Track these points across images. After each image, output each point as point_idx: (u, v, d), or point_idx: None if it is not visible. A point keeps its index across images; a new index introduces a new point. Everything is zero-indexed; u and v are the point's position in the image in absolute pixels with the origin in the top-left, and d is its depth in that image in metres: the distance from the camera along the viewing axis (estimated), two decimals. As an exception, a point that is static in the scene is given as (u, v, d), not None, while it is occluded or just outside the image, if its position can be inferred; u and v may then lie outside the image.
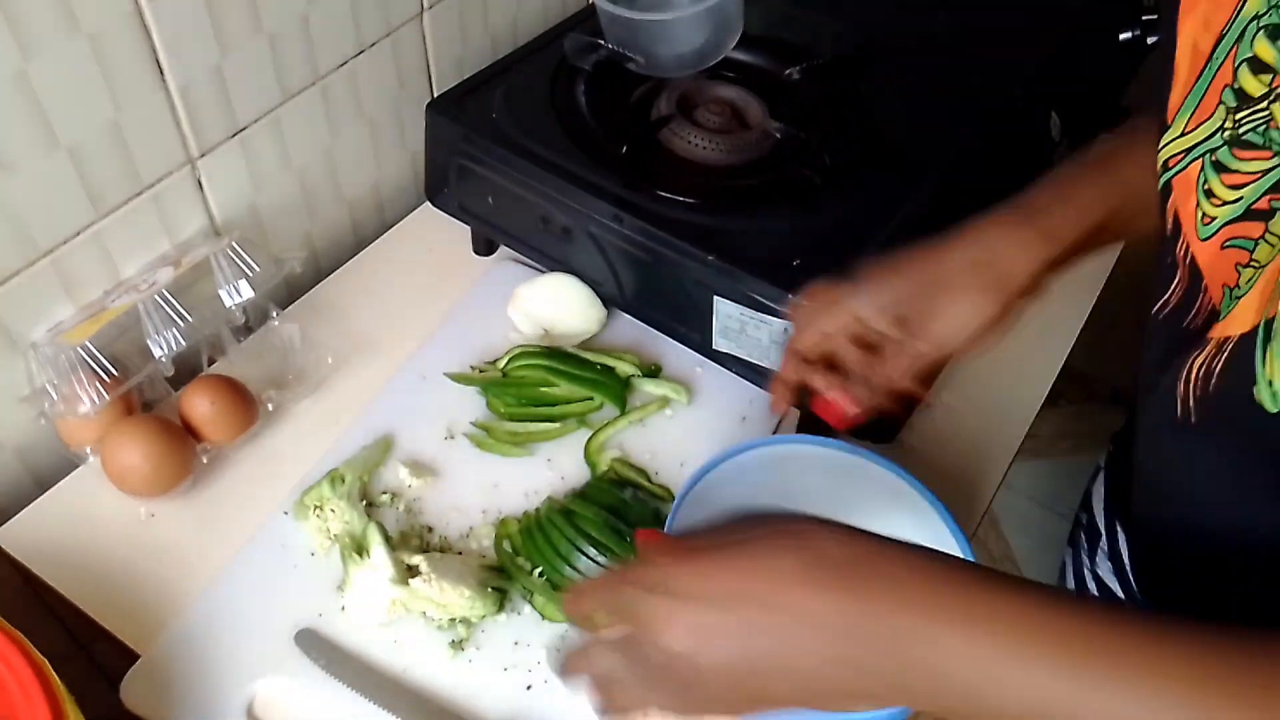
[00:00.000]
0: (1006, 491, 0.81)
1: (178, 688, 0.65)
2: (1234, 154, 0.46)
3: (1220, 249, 0.47)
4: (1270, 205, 0.44)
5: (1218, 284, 0.47)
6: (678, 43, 0.87)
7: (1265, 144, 0.44)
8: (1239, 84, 0.45)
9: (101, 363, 0.72)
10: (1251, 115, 0.45)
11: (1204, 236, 0.48)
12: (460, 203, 0.89)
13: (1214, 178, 0.47)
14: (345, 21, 0.84)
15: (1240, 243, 0.46)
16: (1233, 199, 0.46)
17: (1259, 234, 0.45)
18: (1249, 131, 0.45)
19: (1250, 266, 0.45)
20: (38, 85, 0.64)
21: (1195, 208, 0.48)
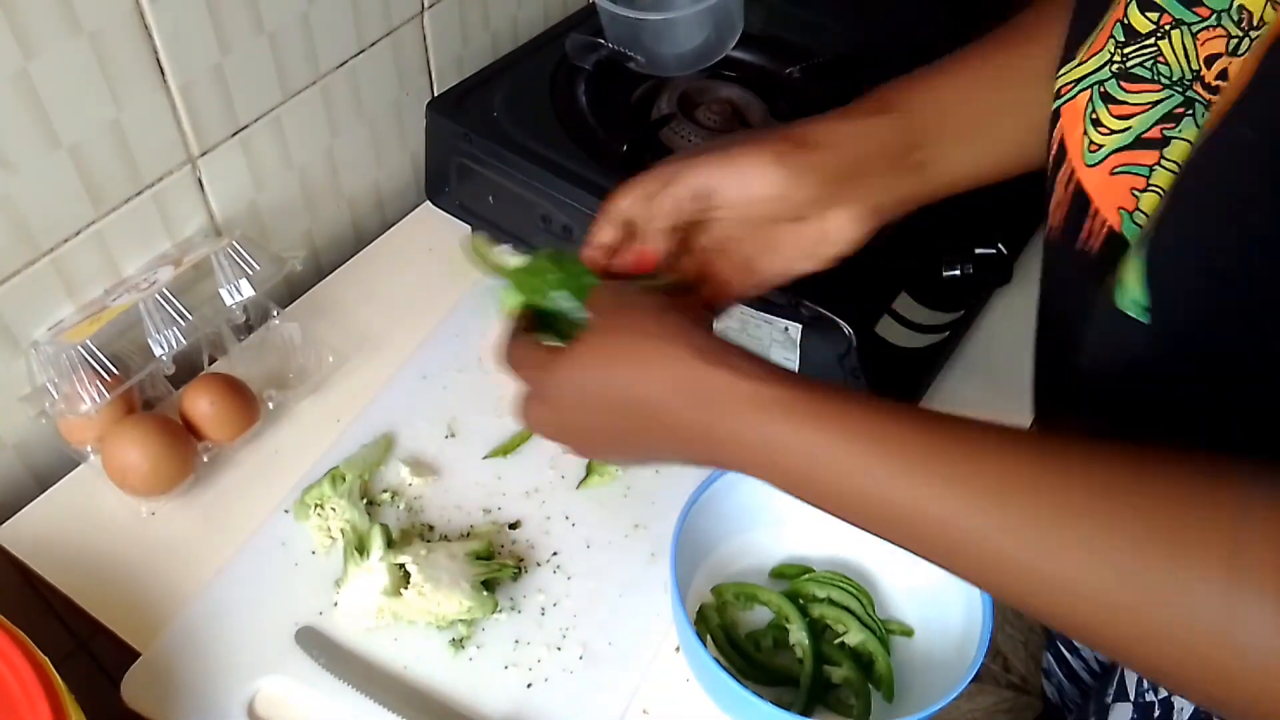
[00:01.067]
0: (1006, 491, 0.82)
1: (179, 686, 0.65)
2: (1122, 86, 0.49)
3: (1110, 175, 0.50)
4: (1163, 134, 0.47)
5: (1111, 207, 0.50)
6: (678, 42, 0.87)
7: (1154, 78, 0.47)
8: (1128, 19, 0.48)
9: (102, 361, 0.72)
10: (1139, 50, 0.48)
11: (1091, 163, 0.50)
12: (461, 202, 0.89)
13: (1101, 108, 0.49)
14: (346, 21, 0.84)
15: (1133, 169, 0.49)
16: (1120, 128, 0.49)
17: (1154, 161, 0.48)
18: (1136, 65, 0.48)
19: (1151, 191, 0.48)
20: (39, 84, 0.64)
21: (1082, 135, 0.50)
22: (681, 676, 0.68)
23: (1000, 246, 0.78)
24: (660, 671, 0.68)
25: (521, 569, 0.71)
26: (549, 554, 0.73)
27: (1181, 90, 0.46)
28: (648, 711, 0.66)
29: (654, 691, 0.67)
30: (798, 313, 0.72)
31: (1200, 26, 0.45)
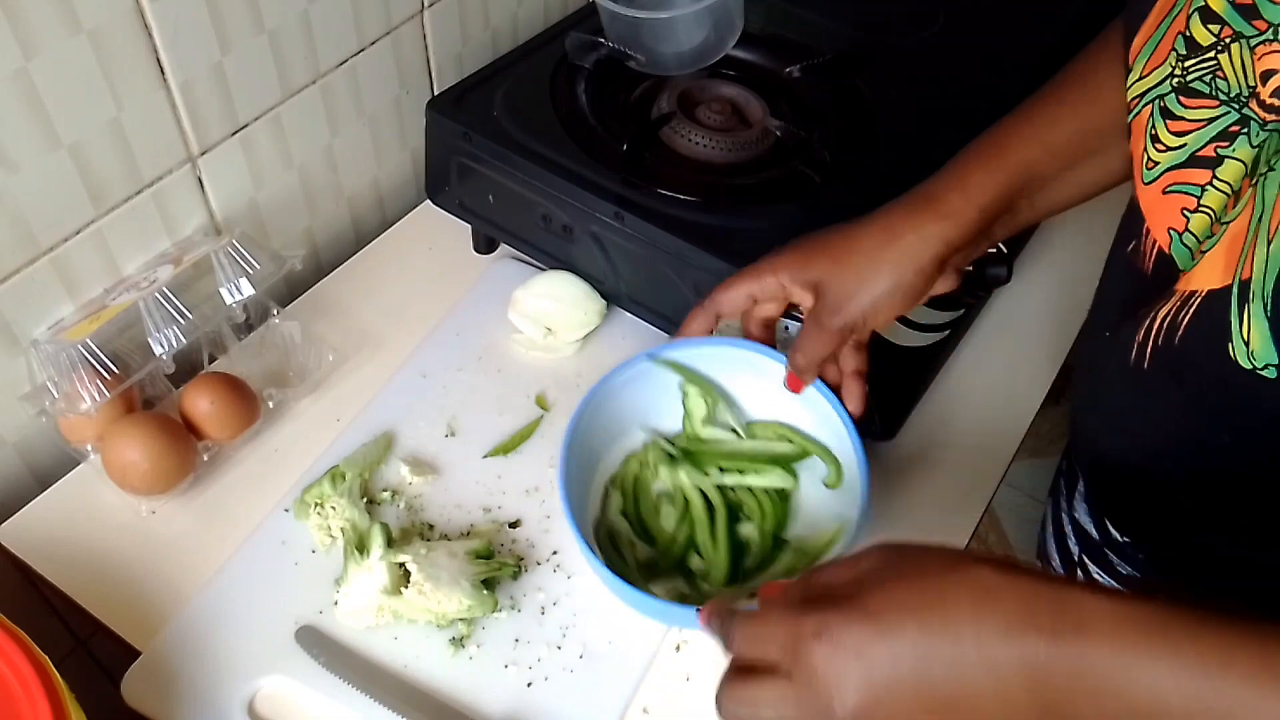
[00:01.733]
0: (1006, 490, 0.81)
1: (179, 685, 0.65)
2: (1180, 101, 0.47)
3: (1162, 194, 0.48)
4: (1216, 153, 0.45)
5: (1161, 227, 0.48)
6: (678, 41, 0.87)
7: (1211, 93, 0.45)
8: (1190, 31, 0.46)
9: (102, 360, 0.72)
10: (1199, 64, 0.46)
11: (1146, 180, 0.49)
12: (461, 201, 0.89)
13: (1160, 124, 0.48)
14: (346, 19, 0.84)
15: (1185, 188, 0.47)
16: (1176, 145, 0.47)
17: (1205, 180, 0.46)
18: (1195, 80, 0.46)
19: (1200, 212, 0.46)
20: (39, 83, 0.64)
21: (1143, 152, 0.49)
22: (682, 675, 0.68)
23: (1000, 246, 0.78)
24: (660, 671, 0.68)
25: (521, 568, 0.71)
26: (549, 553, 0.73)
27: (1238, 107, 0.45)
28: (648, 711, 0.66)
29: (654, 691, 0.67)
30: (798, 313, 0.72)
31: (1258, 40, 0.43)
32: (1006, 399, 0.85)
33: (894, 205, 0.63)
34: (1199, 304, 0.45)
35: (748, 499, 0.72)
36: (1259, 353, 0.42)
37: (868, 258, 0.61)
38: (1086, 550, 0.81)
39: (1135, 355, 0.50)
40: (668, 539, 0.71)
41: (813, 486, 0.73)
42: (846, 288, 0.62)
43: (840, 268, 0.62)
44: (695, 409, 0.74)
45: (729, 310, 0.66)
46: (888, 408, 0.75)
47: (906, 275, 0.61)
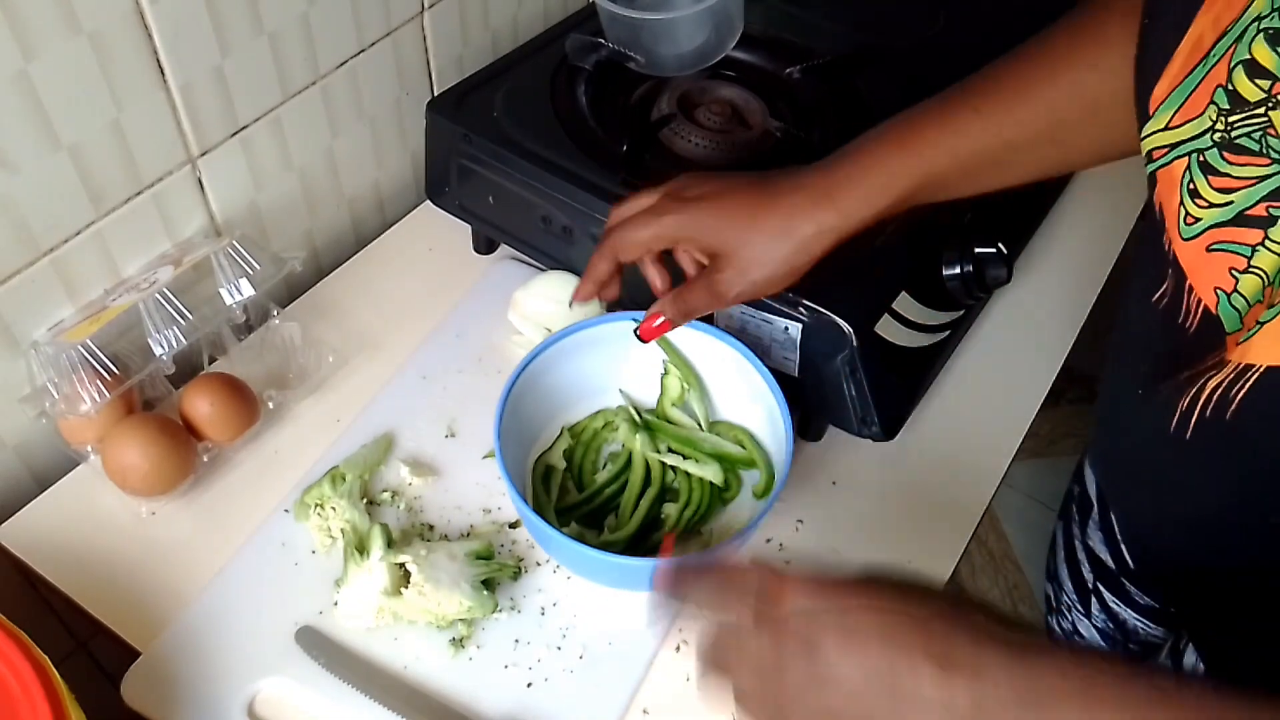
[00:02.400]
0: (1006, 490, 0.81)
1: (179, 686, 0.65)
2: (1224, 157, 0.45)
3: (1206, 251, 0.46)
4: (1269, 212, 0.44)
5: (1206, 285, 0.47)
6: (678, 42, 0.87)
7: (1262, 151, 0.44)
8: (1233, 86, 0.44)
9: (102, 361, 0.72)
10: (1246, 120, 0.44)
11: (1186, 236, 0.47)
12: (461, 202, 0.89)
13: (1200, 179, 0.46)
14: (346, 21, 0.84)
15: (1233, 247, 0.45)
16: (1221, 202, 0.45)
17: (1257, 241, 0.44)
18: (1243, 136, 0.44)
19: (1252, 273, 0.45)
20: (39, 85, 0.65)
21: (1179, 206, 0.47)
22: (682, 676, 0.68)
23: (1000, 246, 0.78)
24: (660, 671, 0.68)
25: (521, 569, 0.71)
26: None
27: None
28: (648, 711, 0.66)
29: (654, 691, 0.67)
30: (798, 313, 0.72)
31: None
32: (1006, 399, 0.85)
33: (798, 185, 0.64)
34: (1257, 379, 0.44)
35: (684, 483, 0.75)
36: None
37: (767, 241, 0.64)
38: (1102, 579, 0.80)
39: (1178, 422, 0.49)
40: (595, 489, 0.74)
41: (749, 494, 0.76)
42: (745, 265, 0.64)
43: (742, 244, 0.64)
44: (670, 388, 0.77)
45: (629, 258, 0.68)
46: (888, 408, 0.75)
47: (799, 261, 0.64)
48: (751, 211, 0.64)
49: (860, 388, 0.73)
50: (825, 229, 0.63)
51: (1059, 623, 0.89)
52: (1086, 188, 1.02)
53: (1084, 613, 0.84)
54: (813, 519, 0.76)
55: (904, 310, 0.76)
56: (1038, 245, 0.95)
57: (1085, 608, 0.83)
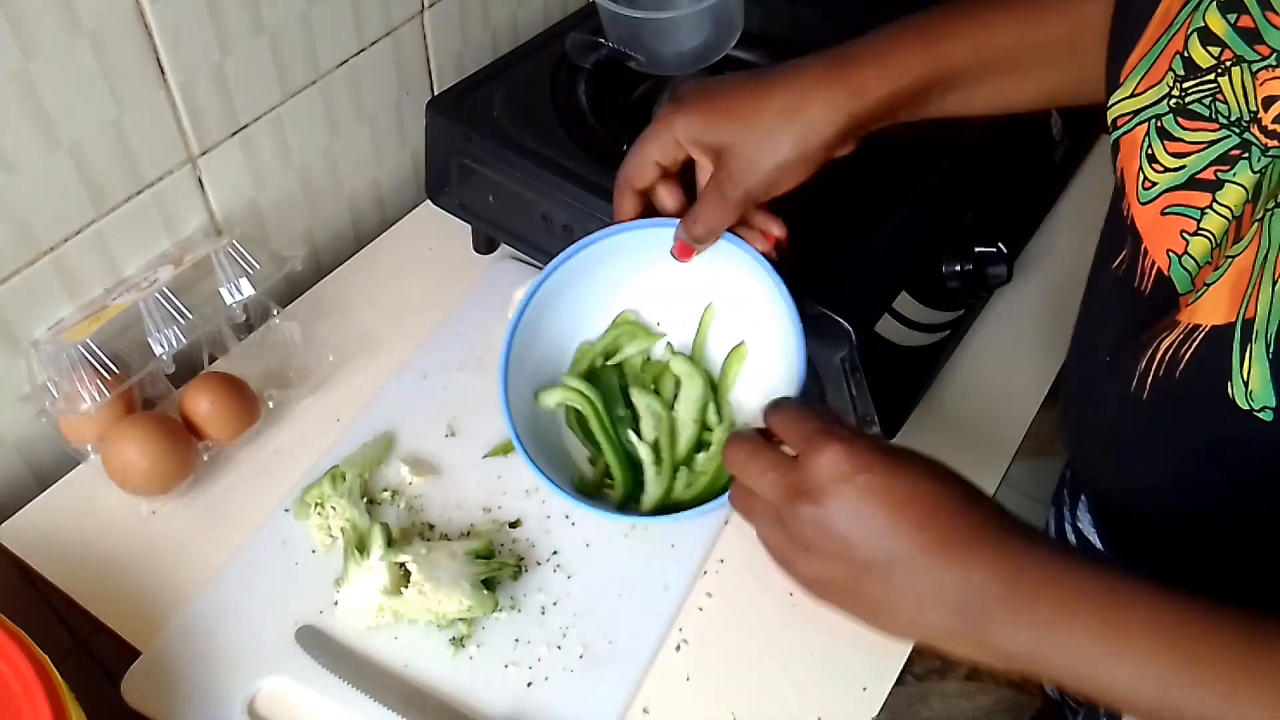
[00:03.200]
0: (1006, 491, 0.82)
1: (179, 685, 0.65)
2: (1179, 122, 0.46)
3: (1160, 215, 0.48)
4: (1216, 176, 0.45)
5: (1160, 248, 0.48)
6: (679, 41, 0.87)
7: (1211, 116, 0.45)
8: (1189, 53, 0.46)
9: (102, 360, 0.72)
10: (1198, 85, 0.45)
11: (1143, 200, 0.48)
12: (461, 201, 0.89)
13: (1158, 144, 0.47)
14: (346, 20, 0.84)
15: (1183, 210, 0.46)
16: (1175, 166, 0.47)
17: (1205, 204, 0.46)
18: (1195, 101, 0.46)
19: (1201, 235, 0.46)
20: (39, 84, 0.64)
21: (1138, 171, 0.48)
22: (682, 675, 0.68)
23: (1000, 246, 0.78)
24: (660, 671, 0.68)
25: (521, 568, 0.71)
26: (549, 553, 0.73)
27: (1239, 131, 0.44)
28: (648, 711, 0.66)
29: (654, 691, 0.67)
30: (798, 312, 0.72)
31: (1260, 65, 0.43)
32: (1006, 399, 0.85)
33: (808, 64, 0.60)
34: (1201, 339, 0.45)
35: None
36: (1257, 394, 0.42)
37: (773, 124, 0.59)
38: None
39: (1136, 384, 0.50)
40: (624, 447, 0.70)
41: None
42: (750, 156, 0.59)
43: (746, 132, 0.59)
44: (707, 324, 0.72)
45: (641, 184, 0.64)
46: (888, 408, 0.75)
47: (810, 146, 0.59)
48: (754, 98, 0.60)
49: (860, 388, 0.73)
50: (835, 107, 0.58)
51: None
52: (1086, 188, 1.02)
53: None
54: (813, 518, 0.76)
55: (904, 310, 0.76)
56: (1038, 245, 0.95)
57: None
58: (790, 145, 0.58)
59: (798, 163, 0.59)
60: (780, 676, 0.68)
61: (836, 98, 0.58)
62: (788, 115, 0.58)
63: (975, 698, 1.18)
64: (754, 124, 0.59)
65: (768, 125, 0.58)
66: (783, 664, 0.69)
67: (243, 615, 0.68)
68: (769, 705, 0.67)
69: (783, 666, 0.68)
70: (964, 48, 0.60)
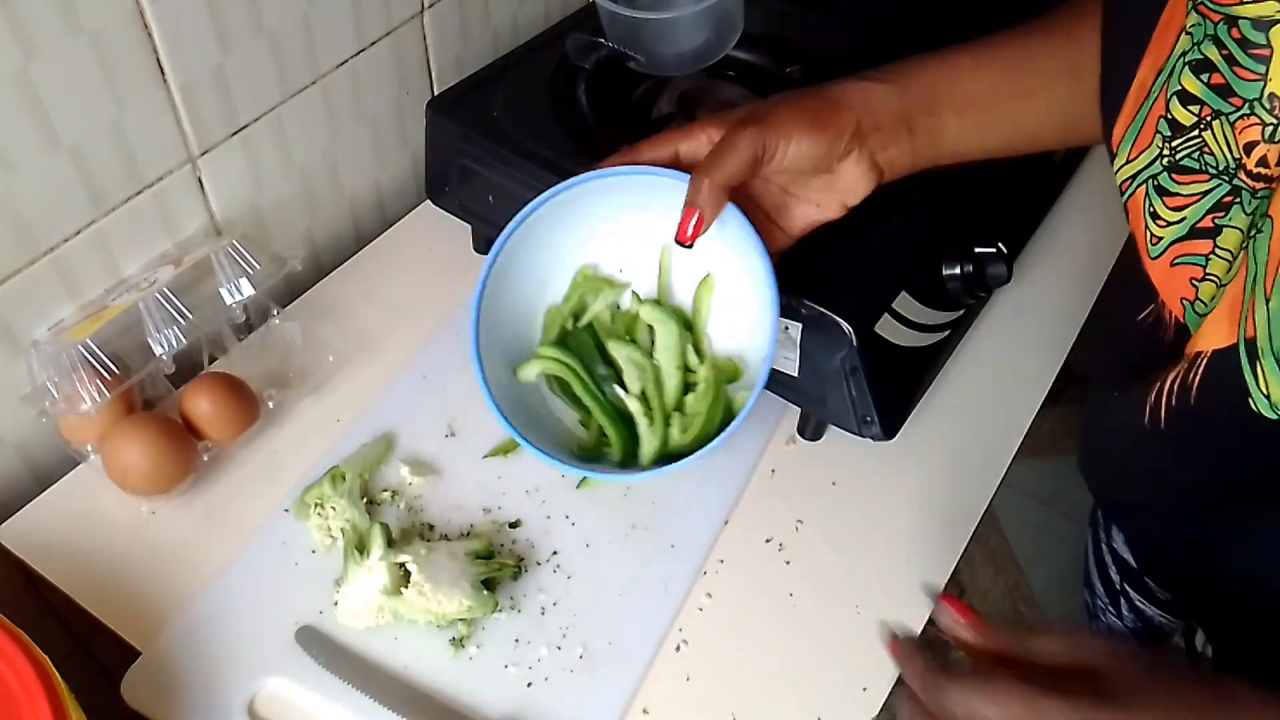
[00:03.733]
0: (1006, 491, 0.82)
1: (179, 685, 0.65)
2: (1173, 179, 0.49)
3: (1170, 266, 0.51)
4: (1214, 223, 0.48)
5: (1174, 298, 0.51)
6: (679, 41, 0.87)
7: (1201, 168, 0.48)
8: (1172, 114, 0.49)
9: (102, 361, 0.72)
10: (1186, 142, 0.48)
11: (1154, 256, 0.52)
12: (461, 201, 0.89)
13: (1157, 201, 0.51)
14: (346, 20, 0.84)
15: (1190, 259, 0.50)
16: (1176, 219, 0.50)
17: (1208, 250, 0.49)
18: (1185, 157, 0.49)
19: (1208, 280, 0.49)
20: (39, 84, 0.64)
21: (1145, 230, 0.52)
22: (682, 675, 0.68)
23: (1000, 246, 0.78)
24: (660, 671, 0.68)
25: (521, 568, 0.71)
26: (549, 553, 0.73)
27: (1228, 179, 0.47)
28: (648, 711, 0.66)
29: (654, 691, 0.67)
30: (798, 312, 0.72)
31: (1236, 115, 0.45)
32: (1006, 399, 0.85)
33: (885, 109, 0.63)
34: (1206, 364, 0.48)
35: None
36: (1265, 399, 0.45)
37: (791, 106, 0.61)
38: (1128, 579, 0.82)
39: (1149, 417, 0.53)
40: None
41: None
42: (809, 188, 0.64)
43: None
44: (666, 265, 0.72)
45: (650, 161, 0.64)
46: (888, 408, 0.75)
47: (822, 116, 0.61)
48: (776, 101, 0.62)
49: (860, 388, 0.73)
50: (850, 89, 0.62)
51: (1096, 629, 0.90)
52: (1087, 188, 1.02)
53: (1116, 615, 0.85)
54: (813, 519, 0.76)
55: (904, 310, 0.76)
56: (1038, 245, 0.95)
57: (1117, 610, 0.85)
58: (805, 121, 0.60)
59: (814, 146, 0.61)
60: (780, 676, 0.68)
61: (849, 84, 0.62)
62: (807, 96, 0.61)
63: (975, 698, 1.18)
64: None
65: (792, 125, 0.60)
66: (783, 664, 0.69)
67: (243, 615, 0.68)
68: (769, 705, 0.67)
69: (783, 666, 0.68)
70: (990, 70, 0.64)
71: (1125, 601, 0.83)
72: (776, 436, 0.81)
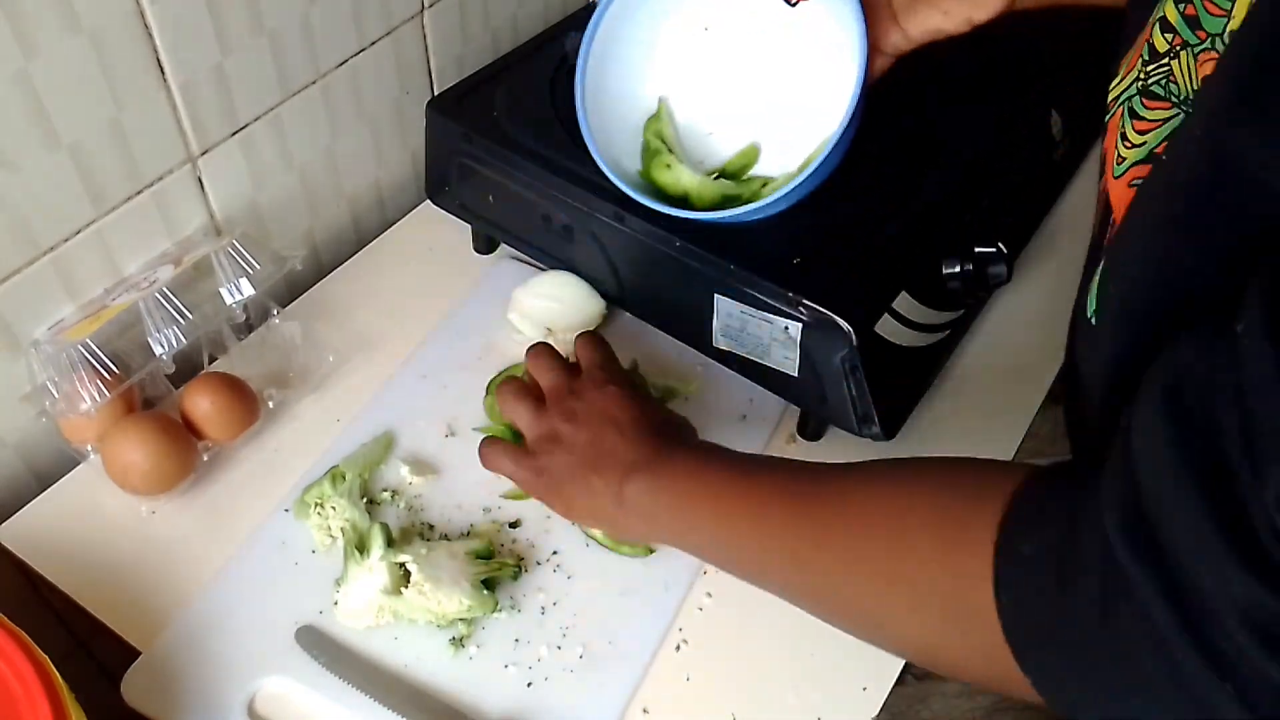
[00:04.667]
0: (1006, 490, 0.82)
1: (179, 685, 0.65)
2: (1143, 103, 0.52)
3: (1128, 187, 0.52)
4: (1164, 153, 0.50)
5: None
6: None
7: (1166, 95, 0.50)
8: (1153, 40, 0.51)
9: (102, 360, 0.72)
10: (1157, 69, 0.50)
11: (1117, 174, 0.53)
12: (461, 201, 0.89)
13: (1128, 123, 0.53)
14: (346, 20, 0.84)
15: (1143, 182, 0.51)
16: (1139, 143, 0.52)
17: None
18: (1154, 83, 0.51)
19: None
20: (39, 84, 0.64)
21: (1114, 149, 0.53)
22: (682, 676, 0.68)
23: (1000, 246, 0.78)
24: (660, 671, 0.68)
25: (522, 568, 0.71)
26: (549, 553, 0.73)
27: (1185, 109, 0.49)
28: (648, 711, 0.66)
29: (654, 691, 0.67)
30: (798, 312, 0.72)
31: (1200, 48, 0.47)
32: (1006, 399, 0.85)
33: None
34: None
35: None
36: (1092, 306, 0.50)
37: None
38: None
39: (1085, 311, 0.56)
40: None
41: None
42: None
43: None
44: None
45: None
46: (888, 408, 0.75)
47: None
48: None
49: (860, 388, 0.73)
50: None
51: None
52: (1087, 188, 1.02)
53: None
54: (813, 518, 0.76)
55: (904, 310, 0.76)
56: (1038, 245, 0.95)
57: None
58: None
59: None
60: (780, 676, 0.68)
61: None
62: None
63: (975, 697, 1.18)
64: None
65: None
66: (783, 664, 0.69)
67: (243, 615, 0.68)
68: (769, 705, 0.67)
69: (783, 666, 0.68)
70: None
71: None
72: (776, 436, 0.81)
